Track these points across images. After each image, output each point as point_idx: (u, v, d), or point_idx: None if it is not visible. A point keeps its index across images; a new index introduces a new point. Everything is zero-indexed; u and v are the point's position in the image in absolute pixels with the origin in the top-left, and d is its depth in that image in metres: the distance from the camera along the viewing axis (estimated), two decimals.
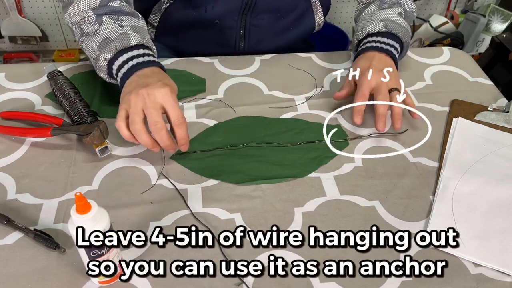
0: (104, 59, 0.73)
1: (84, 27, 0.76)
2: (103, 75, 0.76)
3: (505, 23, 2.22)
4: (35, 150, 0.73)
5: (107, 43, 0.73)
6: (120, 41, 0.72)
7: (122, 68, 0.72)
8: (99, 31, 0.74)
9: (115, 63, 0.73)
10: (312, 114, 0.82)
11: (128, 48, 0.72)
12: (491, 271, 0.59)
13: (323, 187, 0.69)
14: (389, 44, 0.83)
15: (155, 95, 0.65)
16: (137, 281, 0.56)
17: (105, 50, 0.73)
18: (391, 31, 0.84)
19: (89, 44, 0.75)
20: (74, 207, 0.48)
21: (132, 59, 0.72)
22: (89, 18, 0.75)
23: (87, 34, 0.75)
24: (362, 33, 0.86)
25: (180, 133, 0.67)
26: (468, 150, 0.75)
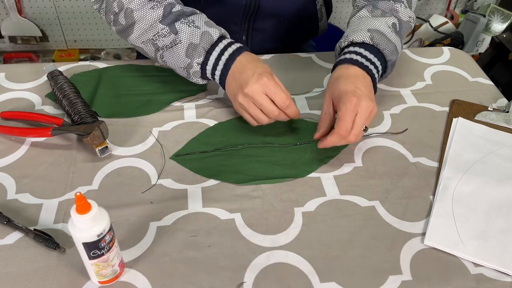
0: (198, 64, 0.74)
1: (159, 42, 0.75)
2: (198, 80, 0.77)
3: (505, 23, 2.22)
4: (35, 150, 0.73)
5: (194, 48, 0.74)
6: (204, 41, 0.73)
7: (217, 66, 0.74)
8: (180, 39, 0.74)
9: (208, 63, 0.74)
10: (312, 114, 0.82)
11: (214, 45, 0.74)
12: (491, 271, 0.59)
13: (323, 187, 0.69)
14: (371, 61, 0.73)
15: (256, 91, 0.69)
16: (137, 281, 0.56)
17: (195, 55, 0.74)
18: (377, 45, 0.74)
19: (173, 56, 0.75)
20: (74, 207, 0.48)
21: (223, 53, 0.74)
22: (162, 31, 0.74)
23: (166, 47, 0.75)
24: (346, 40, 0.76)
25: (290, 113, 0.72)
26: (468, 150, 0.75)
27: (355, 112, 0.66)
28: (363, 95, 0.67)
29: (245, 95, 0.70)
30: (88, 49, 2.31)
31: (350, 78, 0.70)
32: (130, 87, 0.85)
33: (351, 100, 0.66)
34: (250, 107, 0.71)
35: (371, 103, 0.67)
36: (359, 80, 0.70)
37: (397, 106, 0.84)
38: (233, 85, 0.73)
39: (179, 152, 0.73)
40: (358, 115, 0.66)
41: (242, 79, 0.71)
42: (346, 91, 0.67)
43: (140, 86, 0.86)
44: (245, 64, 0.73)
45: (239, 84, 0.71)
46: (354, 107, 0.66)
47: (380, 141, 0.77)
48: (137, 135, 0.76)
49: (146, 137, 0.76)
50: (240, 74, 0.72)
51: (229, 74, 0.73)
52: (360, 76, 0.71)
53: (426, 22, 2.33)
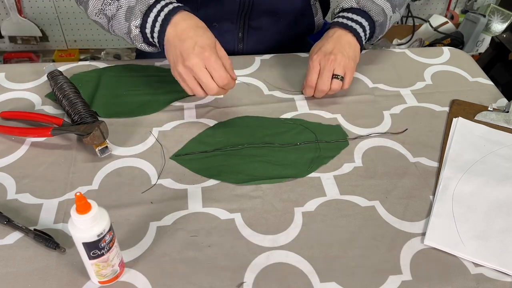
0: (135, 27, 0.73)
1: (107, 12, 0.75)
2: (142, 45, 0.76)
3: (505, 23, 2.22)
4: (35, 150, 0.73)
5: (131, 11, 0.72)
6: (140, 3, 0.72)
7: (155, 28, 0.72)
8: (120, 4, 0.73)
9: (146, 26, 0.72)
10: (312, 114, 0.82)
11: (151, 6, 0.72)
12: (491, 271, 0.59)
13: (323, 187, 0.69)
14: (357, 21, 0.82)
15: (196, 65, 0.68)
16: (137, 281, 0.56)
17: (132, 18, 0.72)
18: (363, 8, 0.83)
19: (117, 24, 0.75)
20: (74, 207, 0.48)
21: (159, 14, 0.71)
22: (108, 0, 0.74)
23: (112, 17, 0.75)
24: (337, 7, 0.86)
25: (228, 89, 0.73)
26: (468, 150, 0.75)
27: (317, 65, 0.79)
28: (338, 52, 0.78)
29: (185, 66, 0.69)
30: (88, 49, 2.31)
31: (333, 40, 0.81)
32: (130, 87, 0.85)
33: (318, 55, 0.79)
34: (189, 79, 0.70)
35: (345, 59, 0.78)
36: (339, 42, 0.80)
37: (397, 106, 0.84)
38: (172, 52, 0.71)
39: (179, 152, 0.73)
40: (326, 68, 0.78)
41: (183, 49, 0.69)
42: (325, 49, 0.79)
43: (140, 86, 0.86)
44: (185, 29, 0.70)
45: (179, 53, 0.69)
46: (319, 61, 0.79)
47: (380, 141, 0.77)
48: (137, 135, 0.76)
49: (146, 137, 0.76)
50: (181, 42, 0.69)
51: (167, 38, 0.71)
52: (342, 36, 0.81)
53: (426, 22, 2.33)
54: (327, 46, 0.79)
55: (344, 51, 0.79)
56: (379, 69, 0.93)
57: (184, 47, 0.69)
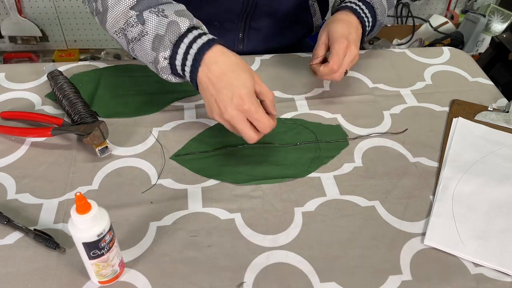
0: (164, 59, 0.66)
1: (128, 33, 0.68)
2: (168, 77, 0.69)
3: (505, 23, 2.22)
4: (35, 150, 0.73)
5: (160, 41, 0.65)
6: (171, 32, 0.65)
7: (186, 61, 0.65)
8: (146, 30, 0.66)
9: (176, 58, 0.66)
10: (312, 114, 0.82)
11: (182, 37, 0.65)
12: (491, 271, 0.59)
13: (323, 187, 0.69)
14: (366, 14, 0.83)
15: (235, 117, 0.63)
16: (137, 281, 0.56)
17: (161, 48, 0.66)
18: (372, 3, 0.83)
19: (141, 50, 0.68)
20: (74, 207, 0.48)
21: (191, 46, 0.64)
22: (131, 20, 0.67)
23: (134, 39, 0.68)
24: None
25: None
26: (468, 150, 0.75)
27: (345, 52, 0.78)
28: (353, 41, 0.78)
29: (224, 120, 0.64)
30: (88, 49, 2.31)
31: (347, 24, 0.80)
32: (130, 87, 0.85)
33: (343, 42, 0.77)
34: (231, 129, 0.66)
35: (356, 50, 0.79)
36: (353, 28, 0.80)
37: (397, 106, 0.84)
38: (208, 98, 0.65)
39: (179, 152, 0.73)
40: (346, 56, 0.78)
41: (220, 99, 0.63)
42: (342, 33, 0.78)
43: (140, 86, 0.86)
44: (219, 75, 0.63)
45: (215, 103, 0.64)
46: (345, 48, 0.77)
47: (380, 141, 0.77)
48: (137, 135, 0.76)
49: (146, 137, 0.76)
50: (216, 91, 0.63)
51: (199, 80, 0.65)
52: (355, 25, 0.80)
53: (426, 22, 2.33)
54: (353, 36, 0.79)
55: (358, 43, 0.81)
56: (379, 69, 0.93)
57: (220, 98, 0.63)
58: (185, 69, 0.66)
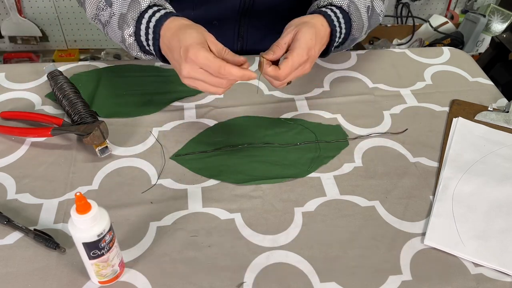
0: (129, 36, 0.70)
1: (101, 18, 0.72)
2: (138, 54, 0.72)
3: (505, 23, 2.22)
4: (35, 150, 0.73)
5: (123, 19, 0.69)
6: (132, 10, 0.69)
7: (149, 35, 0.68)
8: (113, 11, 0.70)
9: (140, 34, 0.69)
10: (312, 114, 0.82)
11: (143, 13, 0.68)
12: (491, 271, 0.59)
13: (323, 187, 0.69)
14: (340, 23, 0.75)
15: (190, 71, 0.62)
16: (137, 281, 0.56)
17: (124, 26, 0.69)
18: (350, 15, 0.76)
19: (112, 31, 0.72)
20: (74, 207, 0.48)
21: (150, 20, 0.67)
22: (100, 4, 0.72)
23: (106, 23, 0.72)
24: (325, 0, 0.78)
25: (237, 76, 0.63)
26: (468, 150, 0.75)
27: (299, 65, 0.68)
28: (311, 59, 0.70)
29: (184, 77, 0.64)
30: (88, 49, 2.31)
31: (316, 36, 0.71)
32: (130, 87, 0.85)
33: (303, 56, 0.68)
34: (197, 85, 0.65)
35: (309, 68, 0.71)
36: (318, 40, 0.71)
37: (397, 106, 0.84)
38: (173, 63, 0.66)
39: (179, 152, 0.73)
40: (297, 70, 0.69)
41: (175, 60, 0.65)
42: (307, 45, 0.69)
43: (140, 86, 0.86)
44: (170, 38, 0.65)
45: (175, 65, 0.66)
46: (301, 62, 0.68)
47: (380, 141, 0.77)
48: (137, 135, 0.76)
49: (146, 137, 0.76)
50: (171, 52, 0.65)
51: (162, 47, 0.67)
52: (323, 36, 0.72)
53: (426, 22, 2.33)
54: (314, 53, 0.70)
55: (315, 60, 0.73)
56: (379, 69, 0.93)
57: (174, 57, 0.65)
58: (149, 44, 0.69)
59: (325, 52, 0.76)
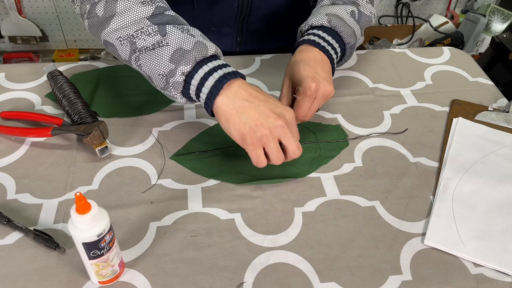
0: (182, 74, 0.62)
1: (138, 41, 0.64)
2: (176, 95, 0.65)
3: (505, 23, 2.22)
4: (35, 150, 0.73)
5: (183, 54, 0.62)
6: (197, 50, 0.62)
7: (206, 82, 0.61)
8: (167, 41, 0.63)
9: (194, 76, 0.62)
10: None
11: (206, 59, 0.63)
12: (491, 271, 0.59)
13: (323, 187, 0.69)
14: (329, 42, 0.73)
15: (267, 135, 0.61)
16: (137, 281, 0.56)
17: (182, 62, 0.61)
18: (334, 28, 0.74)
19: (154, 59, 0.64)
20: (74, 207, 0.48)
21: (216, 70, 0.62)
22: (148, 29, 0.63)
23: (146, 49, 0.64)
24: (306, 25, 0.76)
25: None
26: (468, 150, 0.75)
27: (313, 97, 0.68)
28: (322, 80, 0.68)
29: (266, 127, 0.61)
30: (88, 49, 2.31)
31: (309, 63, 0.70)
32: (130, 87, 0.85)
33: (310, 87, 0.67)
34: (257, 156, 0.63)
35: (329, 87, 0.69)
36: (318, 64, 0.70)
37: (397, 106, 0.84)
38: (236, 121, 0.61)
39: (179, 152, 0.73)
40: (316, 99, 0.68)
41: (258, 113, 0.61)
42: (306, 76, 0.68)
43: (140, 86, 0.86)
44: (250, 95, 0.61)
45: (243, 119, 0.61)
46: (313, 93, 0.67)
47: (380, 141, 0.77)
48: (137, 135, 0.76)
49: (146, 137, 0.76)
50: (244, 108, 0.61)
51: (219, 106, 0.61)
52: (319, 60, 0.71)
53: (426, 22, 2.33)
54: (321, 75, 0.69)
55: (329, 78, 0.71)
56: (379, 69, 0.93)
57: (260, 112, 0.61)
58: (200, 93, 0.63)
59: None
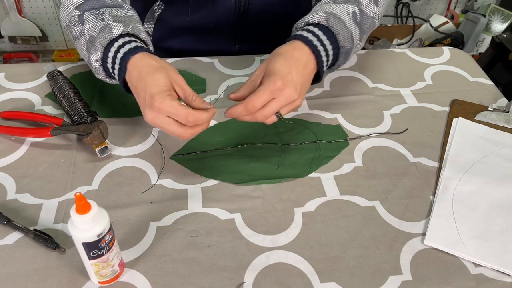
0: (95, 60, 0.68)
1: (72, 30, 0.71)
2: (103, 77, 0.71)
3: (505, 23, 2.22)
4: (35, 150, 0.73)
5: (92, 42, 0.67)
6: (103, 35, 0.66)
7: (115, 65, 0.66)
8: (83, 31, 0.68)
9: (107, 61, 0.67)
10: (312, 114, 0.82)
11: (113, 41, 0.66)
12: (491, 271, 0.59)
13: (323, 187, 0.69)
14: (322, 42, 0.68)
15: (154, 118, 0.61)
16: (137, 281, 0.56)
17: (92, 50, 0.67)
18: (331, 28, 0.69)
19: (80, 49, 0.71)
20: (74, 207, 0.48)
21: (119, 50, 0.65)
22: (73, 19, 0.70)
23: (76, 38, 0.71)
24: (302, 21, 0.72)
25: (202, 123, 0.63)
26: (468, 150, 0.75)
27: (273, 95, 0.62)
28: (291, 83, 0.63)
29: (148, 121, 0.63)
30: None
31: (290, 61, 0.65)
32: None
33: (275, 82, 0.62)
34: (161, 129, 0.64)
35: (294, 94, 0.63)
36: (298, 66, 0.65)
37: (397, 106, 0.84)
38: (138, 102, 0.65)
39: (179, 152, 0.73)
40: (275, 100, 0.63)
41: (140, 103, 0.64)
42: (278, 71, 0.63)
43: None
44: (139, 76, 0.63)
45: (140, 105, 0.64)
46: (274, 90, 0.62)
47: (380, 141, 0.77)
48: (137, 135, 0.76)
49: (146, 137, 0.76)
50: (136, 93, 0.64)
51: (128, 82, 0.65)
52: (302, 62, 0.66)
53: (426, 22, 2.33)
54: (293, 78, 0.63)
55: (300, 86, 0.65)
56: (379, 69, 0.93)
57: (139, 102, 0.64)
58: (114, 73, 0.67)
59: (317, 76, 0.70)
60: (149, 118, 0.62)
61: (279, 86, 0.62)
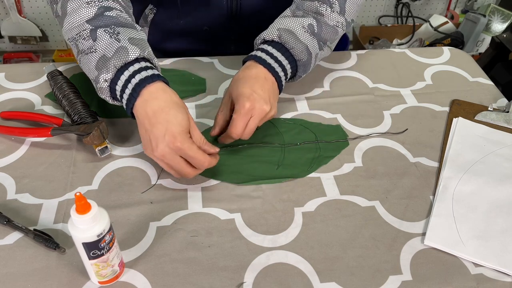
0: (105, 81, 0.66)
1: (79, 44, 0.68)
2: (106, 97, 0.68)
3: (505, 23, 2.22)
4: (35, 150, 0.73)
5: (104, 62, 0.65)
6: (118, 57, 0.65)
7: (126, 89, 0.65)
8: (95, 48, 0.66)
9: (117, 83, 0.65)
10: (312, 114, 0.82)
11: (128, 64, 0.65)
12: (491, 271, 0.59)
13: (323, 187, 0.69)
14: (277, 59, 0.73)
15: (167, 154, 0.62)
16: (137, 281, 0.56)
17: (103, 70, 0.65)
18: (284, 44, 0.73)
19: (86, 64, 0.68)
20: (74, 207, 0.48)
21: (134, 76, 0.64)
22: (83, 33, 0.67)
23: (83, 52, 0.68)
24: (259, 38, 0.76)
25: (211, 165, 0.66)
26: (468, 150, 0.75)
27: (248, 116, 0.68)
28: (258, 99, 0.68)
29: (155, 157, 0.64)
30: None
31: (249, 81, 0.70)
32: None
33: (244, 105, 0.67)
34: (165, 166, 0.65)
35: (265, 106, 0.68)
36: (258, 83, 0.70)
37: (397, 106, 0.84)
38: (143, 133, 0.65)
39: None
40: (252, 118, 0.68)
41: (153, 135, 0.62)
42: (242, 94, 0.68)
43: None
44: (156, 111, 0.62)
45: (149, 139, 0.63)
46: (247, 112, 0.67)
47: (380, 141, 0.77)
48: (137, 135, 0.76)
49: None
50: (151, 127, 0.62)
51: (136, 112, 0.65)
52: (261, 79, 0.71)
53: (426, 22, 2.34)
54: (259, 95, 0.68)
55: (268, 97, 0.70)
56: (379, 69, 0.93)
57: (154, 134, 0.62)
58: (123, 96, 0.66)
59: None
60: (160, 152, 0.62)
61: (249, 107, 0.67)
